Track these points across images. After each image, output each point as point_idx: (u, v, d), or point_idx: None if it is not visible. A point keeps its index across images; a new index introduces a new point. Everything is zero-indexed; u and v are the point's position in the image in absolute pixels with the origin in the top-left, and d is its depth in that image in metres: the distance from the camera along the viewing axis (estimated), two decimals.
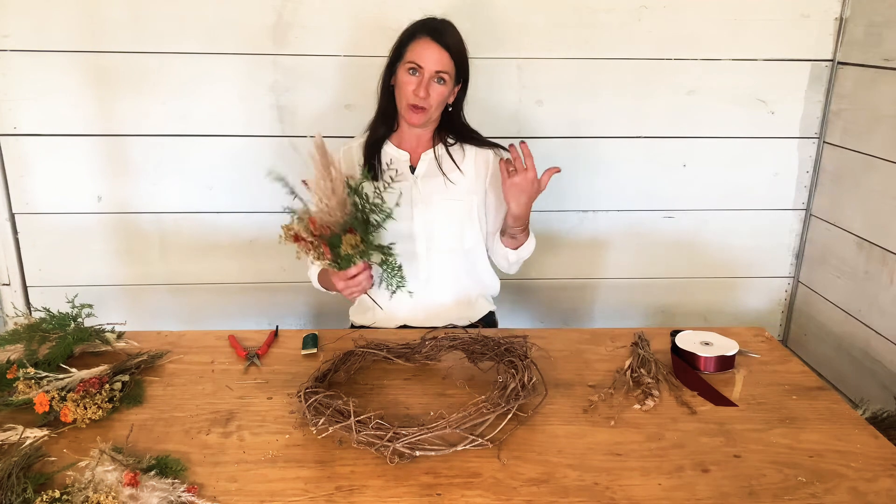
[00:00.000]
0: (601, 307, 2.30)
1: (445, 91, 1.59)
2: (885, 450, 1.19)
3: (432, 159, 1.67)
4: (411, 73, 1.56)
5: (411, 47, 1.56)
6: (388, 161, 1.67)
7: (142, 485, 1.02)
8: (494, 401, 1.22)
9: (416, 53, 1.55)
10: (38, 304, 2.04)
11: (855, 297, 2.00)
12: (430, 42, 1.55)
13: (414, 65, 1.55)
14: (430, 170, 1.67)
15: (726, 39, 2.03)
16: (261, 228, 2.13)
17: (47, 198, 2.06)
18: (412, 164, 1.67)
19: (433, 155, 1.67)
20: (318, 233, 1.37)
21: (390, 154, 1.68)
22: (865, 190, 1.95)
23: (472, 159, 1.69)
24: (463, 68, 1.61)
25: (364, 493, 1.06)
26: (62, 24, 1.90)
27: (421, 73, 1.55)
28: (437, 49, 1.55)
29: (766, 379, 1.42)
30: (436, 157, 1.67)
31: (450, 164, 1.67)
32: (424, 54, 1.55)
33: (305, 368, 1.43)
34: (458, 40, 1.59)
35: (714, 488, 1.09)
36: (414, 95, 1.56)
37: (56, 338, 1.42)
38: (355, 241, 1.36)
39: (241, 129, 2.03)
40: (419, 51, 1.55)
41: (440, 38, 1.55)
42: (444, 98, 1.60)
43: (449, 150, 1.67)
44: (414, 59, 1.55)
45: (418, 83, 1.55)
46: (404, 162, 1.67)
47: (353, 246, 1.36)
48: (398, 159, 1.67)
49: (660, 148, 2.12)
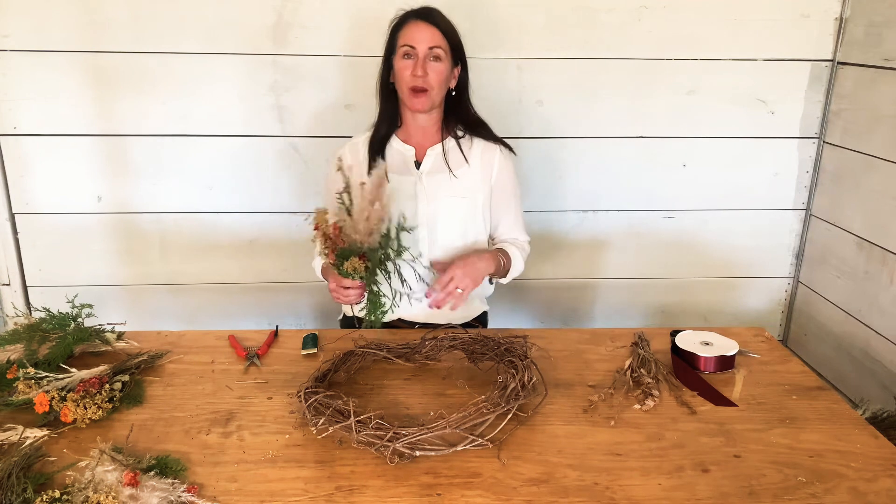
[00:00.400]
0: (601, 307, 2.30)
1: (443, 69, 1.58)
2: (885, 450, 1.19)
3: (438, 154, 1.67)
4: (406, 58, 1.57)
5: (401, 34, 1.59)
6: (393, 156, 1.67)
7: (142, 485, 1.02)
8: (494, 401, 1.22)
9: (407, 36, 1.57)
10: (38, 304, 2.04)
11: (855, 297, 2.00)
12: (419, 22, 1.57)
13: (407, 47, 1.57)
14: (436, 165, 1.66)
15: (726, 39, 2.03)
16: (261, 228, 2.13)
17: (47, 198, 2.06)
18: (418, 159, 1.67)
19: (440, 150, 1.67)
20: (334, 239, 1.42)
21: (396, 149, 1.68)
22: (865, 190, 1.95)
23: (479, 153, 1.68)
24: (457, 48, 1.61)
25: (364, 493, 1.06)
26: (62, 24, 1.90)
27: (415, 54, 1.56)
28: (426, 26, 1.56)
29: (766, 379, 1.42)
30: (443, 150, 1.67)
31: (457, 159, 1.66)
32: (416, 35, 1.56)
33: (305, 368, 1.43)
34: (447, 20, 1.60)
35: (714, 488, 1.09)
36: (412, 77, 1.56)
37: (56, 338, 1.42)
38: (360, 266, 1.41)
39: (241, 129, 2.03)
40: (409, 33, 1.57)
41: (427, 17, 1.58)
42: (444, 78, 1.59)
43: (459, 141, 1.67)
44: (406, 41, 1.57)
45: (414, 64, 1.56)
46: (410, 157, 1.67)
47: (355, 269, 1.41)
48: (404, 154, 1.67)
49: (660, 148, 2.12)
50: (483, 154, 1.68)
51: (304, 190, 2.08)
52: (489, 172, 1.68)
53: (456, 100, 1.67)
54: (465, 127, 1.69)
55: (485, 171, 1.68)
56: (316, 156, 2.05)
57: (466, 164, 1.67)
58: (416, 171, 1.66)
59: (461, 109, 1.68)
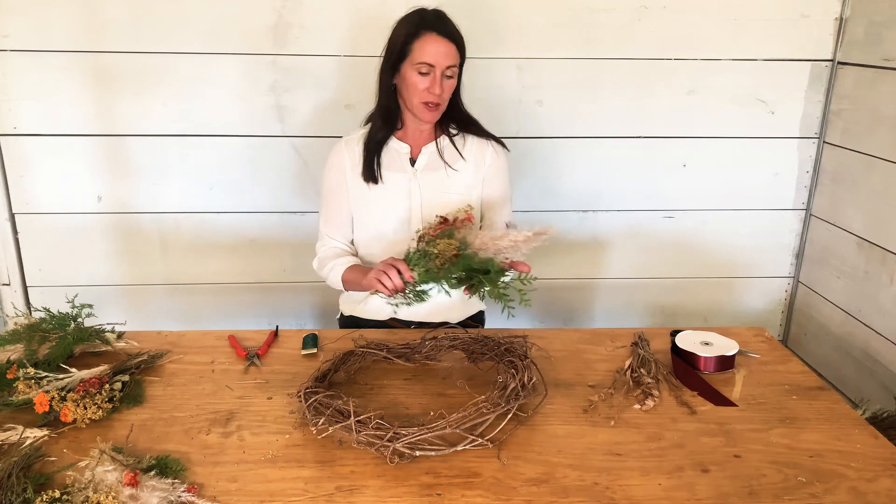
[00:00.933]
0: (601, 307, 2.30)
1: (455, 83, 1.59)
2: (885, 450, 1.19)
3: (433, 152, 1.67)
4: (423, 74, 1.54)
5: (418, 46, 1.53)
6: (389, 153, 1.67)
7: (142, 485, 1.02)
8: (494, 401, 1.22)
9: (426, 52, 1.52)
10: (38, 304, 2.04)
11: (855, 297, 2.00)
12: (438, 38, 1.52)
13: (425, 65, 1.52)
14: (431, 162, 1.66)
15: (726, 39, 2.03)
16: (261, 228, 2.13)
17: (47, 198, 2.06)
18: (412, 156, 1.67)
19: (434, 147, 1.67)
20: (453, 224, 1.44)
21: (391, 147, 1.68)
22: (865, 190, 1.95)
23: (472, 149, 1.68)
24: (464, 56, 1.60)
25: (364, 493, 1.06)
26: (62, 24, 1.90)
27: (433, 72, 1.53)
28: (446, 44, 1.53)
29: (766, 379, 1.42)
30: (438, 149, 1.67)
31: (452, 156, 1.66)
32: (435, 53, 1.52)
33: (305, 368, 1.43)
34: (458, 30, 1.58)
35: (714, 488, 1.09)
36: (429, 94, 1.54)
37: (56, 338, 1.42)
38: (449, 250, 1.37)
39: (241, 129, 2.03)
40: (428, 49, 1.52)
41: (444, 31, 1.53)
42: (453, 90, 1.61)
43: (453, 139, 1.67)
44: (425, 59, 1.52)
45: (432, 82, 1.54)
46: (405, 154, 1.67)
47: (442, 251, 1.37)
48: (399, 152, 1.67)
49: (660, 148, 2.12)
50: (476, 150, 1.69)
51: (304, 190, 2.08)
52: (482, 167, 1.68)
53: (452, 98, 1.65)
54: (457, 124, 1.69)
55: (477, 165, 1.68)
56: (316, 156, 2.05)
57: (462, 160, 1.67)
58: (411, 168, 1.66)
59: (454, 108, 1.67)
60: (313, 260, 1.73)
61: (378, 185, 1.64)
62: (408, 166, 1.66)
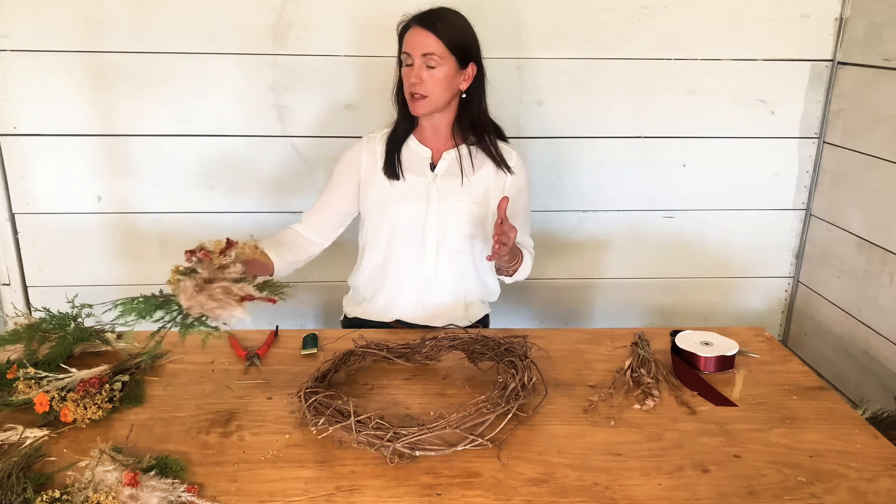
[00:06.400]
0: (601, 307, 2.30)
1: (441, 75, 1.56)
2: (885, 450, 1.19)
3: (453, 159, 1.66)
4: (408, 65, 1.58)
5: (404, 39, 1.59)
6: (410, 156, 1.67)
7: (142, 485, 1.02)
8: (494, 401, 1.22)
9: (406, 43, 1.58)
10: (38, 304, 2.03)
11: (855, 297, 2.00)
12: (416, 28, 1.57)
13: (405, 54, 1.58)
14: (451, 169, 1.66)
15: (726, 39, 2.03)
16: (261, 228, 2.13)
17: (47, 198, 2.06)
18: (433, 161, 1.67)
19: (455, 154, 1.67)
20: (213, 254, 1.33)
21: (413, 149, 1.68)
22: (865, 190, 1.95)
23: (492, 172, 1.67)
24: (461, 50, 1.58)
25: (364, 493, 1.07)
26: (62, 24, 1.90)
27: (412, 61, 1.57)
28: (421, 32, 1.56)
29: (766, 379, 1.42)
30: (458, 155, 1.66)
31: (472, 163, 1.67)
32: (411, 41, 1.57)
33: (305, 368, 1.43)
34: (452, 22, 1.58)
35: (714, 488, 1.09)
36: (409, 84, 1.58)
37: (56, 338, 1.42)
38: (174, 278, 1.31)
39: (241, 129, 2.03)
40: (408, 39, 1.58)
41: (424, 22, 1.56)
42: (444, 83, 1.57)
43: (470, 151, 1.67)
44: (405, 48, 1.59)
45: (410, 71, 1.57)
46: (426, 159, 1.67)
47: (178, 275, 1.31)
48: (420, 155, 1.67)
49: (660, 148, 2.12)
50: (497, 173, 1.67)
51: (304, 190, 2.08)
52: (503, 180, 1.68)
53: (466, 102, 1.65)
54: (475, 130, 1.66)
55: (499, 179, 1.68)
56: (316, 156, 2.05)
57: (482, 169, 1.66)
58: (431, 174, 1.66)
59: (471, 112, 1.66)
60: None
61: (399, 181, 1.65)
62: (428, 171, 1.66)
